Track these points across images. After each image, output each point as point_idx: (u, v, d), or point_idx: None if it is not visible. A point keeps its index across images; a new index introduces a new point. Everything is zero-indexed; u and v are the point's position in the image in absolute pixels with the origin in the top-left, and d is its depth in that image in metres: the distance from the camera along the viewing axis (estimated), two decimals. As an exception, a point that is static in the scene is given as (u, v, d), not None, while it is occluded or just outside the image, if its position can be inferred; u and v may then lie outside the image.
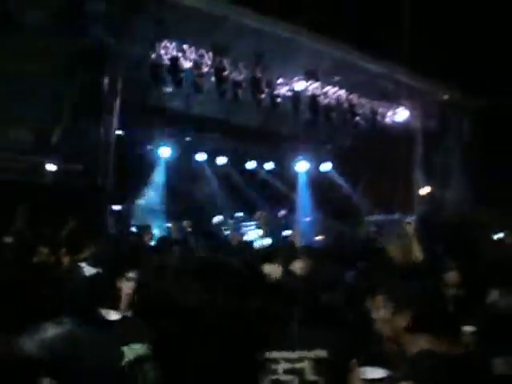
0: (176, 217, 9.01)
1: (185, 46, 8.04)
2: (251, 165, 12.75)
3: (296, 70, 9.24)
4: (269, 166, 13.04)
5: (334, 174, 12.79)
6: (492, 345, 2.44)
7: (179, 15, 7.22)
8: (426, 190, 11.41)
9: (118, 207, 9.49)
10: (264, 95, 8.91)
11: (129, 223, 9.50)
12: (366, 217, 11.90)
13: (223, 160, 12.02)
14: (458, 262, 3.75)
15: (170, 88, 8.33)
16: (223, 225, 10.40)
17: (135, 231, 7.77)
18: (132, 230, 8.29)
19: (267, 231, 9.25)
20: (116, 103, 7.64)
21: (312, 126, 10.74)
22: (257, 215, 10.21)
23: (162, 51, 7.74)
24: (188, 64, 8.08)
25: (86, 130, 7.27)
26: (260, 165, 12.91)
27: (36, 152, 7.16)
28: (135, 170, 9.78)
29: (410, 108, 11.17)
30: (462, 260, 4.01)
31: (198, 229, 8.75)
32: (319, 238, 9.96)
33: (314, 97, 9.60)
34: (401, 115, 11.16)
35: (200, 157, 11.71)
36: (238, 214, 10.95)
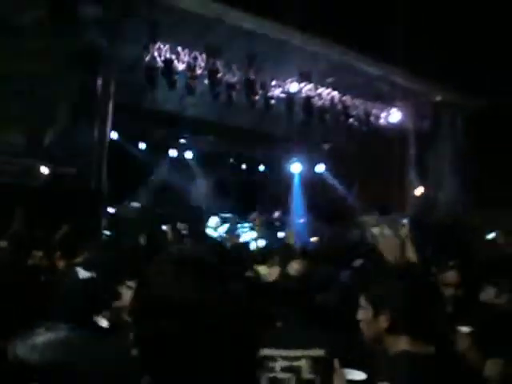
0: (171, 219, 8.98)
1: (179, 49, 8.05)
2: (245, 166, 12.76)
3: (290, 72, 9.24)
4: (263, 168, 13.05)
5: (328, 176, 12.82)
6: (489, 344, 2.45)
7: (173, 17, 7.22)
8: (420, 191, 11.45)
9: (112, 210, 9.44)
10: (258, 97, 8.92)
11: (124, 226, 9.45)
12: (360, 217, 11.91)
13: (217, 162, 12.01)
14: (456, 262, 3.75)
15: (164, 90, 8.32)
16: (218, 227, 10.38)
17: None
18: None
19: (262, 233, 9.26)
20: (110, 106, 7.62)
21: (306, 128, 10.74)
22: (252, 217, 10.21)
23: (156, 53, 7.73)
24: (182, 66, 8.08)
25: (80, 133, 7.23)
26: (254, 166, 12.91)
27: (29, 155, 7.11)
28: (129, 173, 9.76)
29: (404, 109, 11.21)
30: (457, 260, 4.01)
31: (193, 231, 8.73)
32: (314, 240, 9.97)
33: (308, 98, 9.61)
34: (395, 116, 11.21)
35: (194, 158, 11.70)
36: (233, 216, 10.94)
